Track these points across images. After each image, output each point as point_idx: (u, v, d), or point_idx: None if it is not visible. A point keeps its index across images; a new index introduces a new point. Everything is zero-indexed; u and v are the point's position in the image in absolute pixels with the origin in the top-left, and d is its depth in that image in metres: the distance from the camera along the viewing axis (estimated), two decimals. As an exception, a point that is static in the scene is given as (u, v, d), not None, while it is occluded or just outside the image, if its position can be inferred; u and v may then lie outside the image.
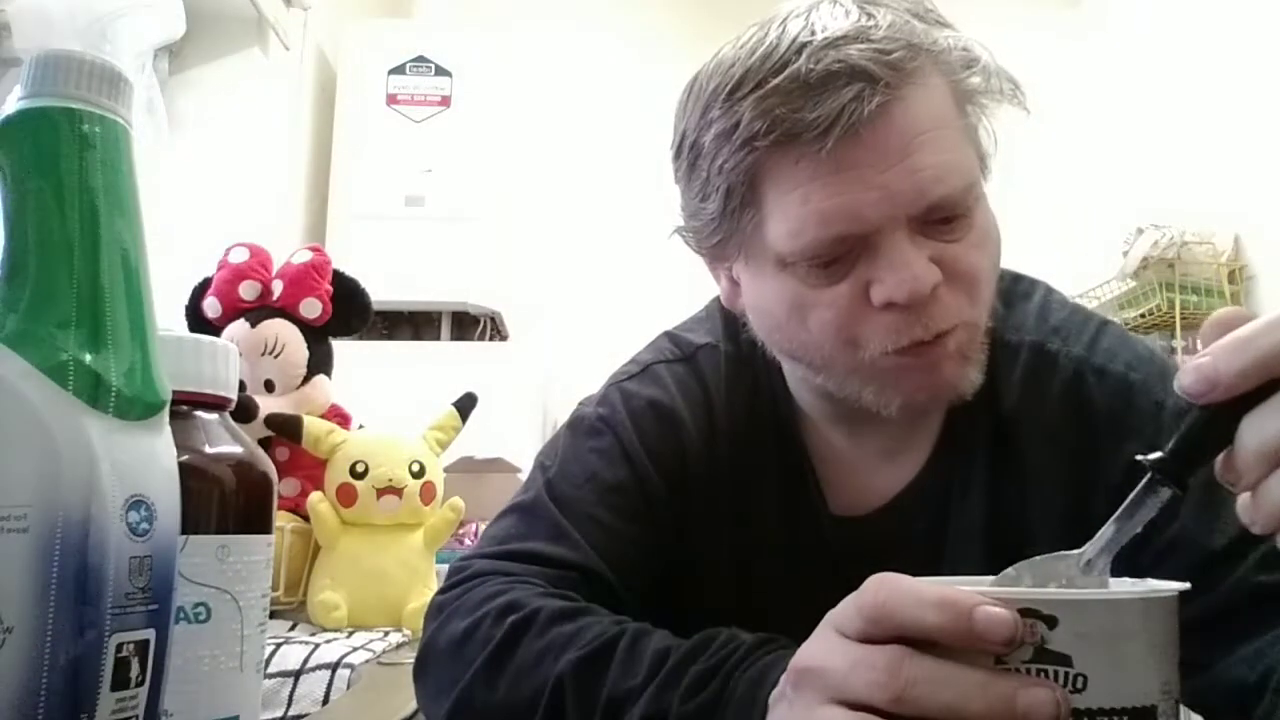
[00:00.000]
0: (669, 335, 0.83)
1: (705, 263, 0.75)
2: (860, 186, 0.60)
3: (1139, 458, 0.41)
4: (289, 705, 0.94)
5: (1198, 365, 0.37)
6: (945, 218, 0.63)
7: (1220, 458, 0.39)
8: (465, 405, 1.34)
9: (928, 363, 0.64)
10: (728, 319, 0.82)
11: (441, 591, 0.70)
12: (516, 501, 0.76)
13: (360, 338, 1.52)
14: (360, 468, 1.20)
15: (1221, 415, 0.38)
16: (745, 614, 0.75)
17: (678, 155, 0.69)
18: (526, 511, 0.74)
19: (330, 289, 1.34)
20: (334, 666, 0.97)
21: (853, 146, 0.60)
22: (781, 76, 0.60)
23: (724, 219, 0.66)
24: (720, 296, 0.76)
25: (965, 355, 0.66)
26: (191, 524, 0.41)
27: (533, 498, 0.75)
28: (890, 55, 0.60)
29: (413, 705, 0.70)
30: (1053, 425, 0.71)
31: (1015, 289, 0.78)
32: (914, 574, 0.68)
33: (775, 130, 0.60)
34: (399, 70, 2.49)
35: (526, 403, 2.27)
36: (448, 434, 1.31)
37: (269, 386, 1.30)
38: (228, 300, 1.31)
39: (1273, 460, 0.36)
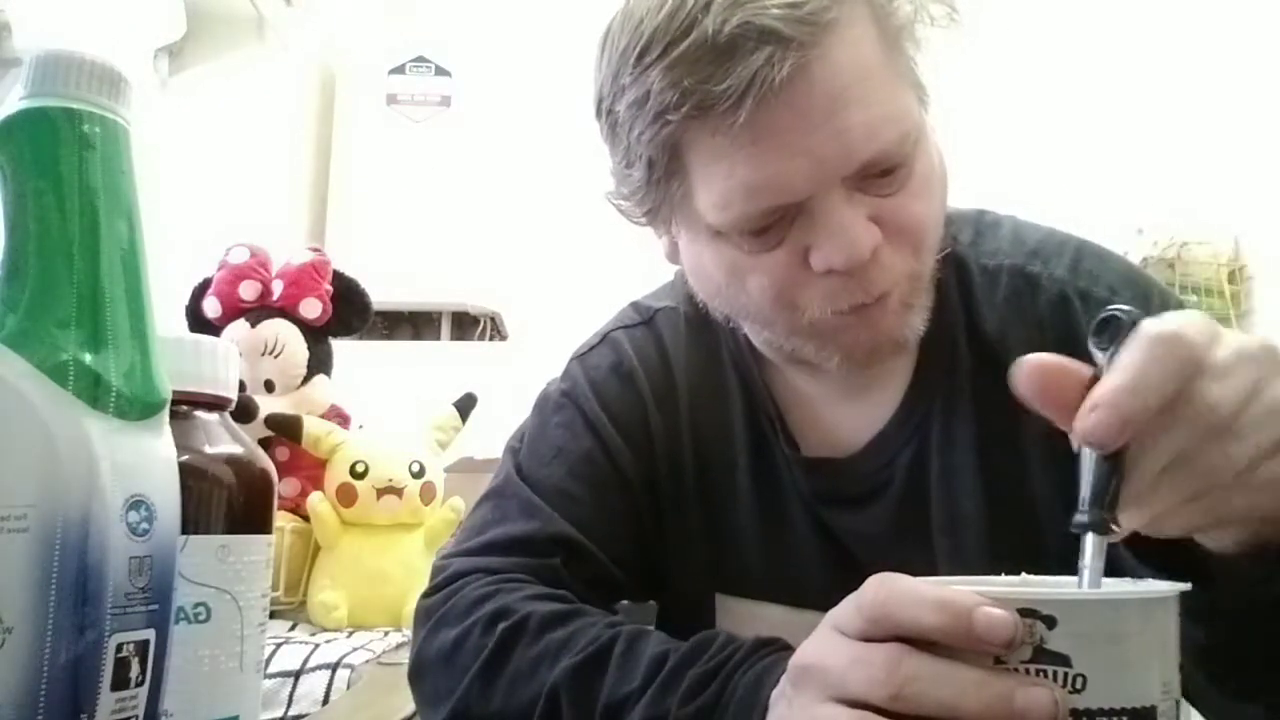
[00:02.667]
0: (632, 303, 0.84)
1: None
2: (784, 154, 0.57)
3: (1074, 527, 0.42)
4: (289, 705, 0.94)
5: (1101, 421, 0.40)
6: (883, 170, 0.60)
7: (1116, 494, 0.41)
8: (465, 405, 1.34)
9: (869, 320, 0.63)
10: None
11: (426, 595, 0.69)
12: (489, 488, 0.76)
13: (360, 338, 1.52)
14: (360, 468, 1.20)
15: (1119, 456, 0.41)
16: (724, 576, 0.75)
17: (597, 115, 0.66)
18: (498, 495, 0.74)
19: (330, 289, 1.35)
20: (334, 666, 0.97)
21: (770, 114, 0.56)
22: (688, 41, 0.56)
23: (651, 188, 0.63)
24: (665, 254, 0.74)
25: (908, 304, 0.64)
26: (191, 524, 0.41)
27: (502, 481, 0.75)
28: (803, 9, 0.55)
29: (412, 705, 0.70)
30: (1039, 348, 0.68)
31: (983, 219, 0.76)
32: (899, 516, 0.70)
33: (686, 103, 0.57)
34: (399, 70, 2.49)
35: (526, 403, 2.27)
36: (448, 434, 1.32)
37: (269, 386, 1.31)
38: (228, 300, 1.32)
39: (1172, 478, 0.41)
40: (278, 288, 1.33)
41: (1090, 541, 0.41)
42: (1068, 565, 0.42)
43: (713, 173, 0.59)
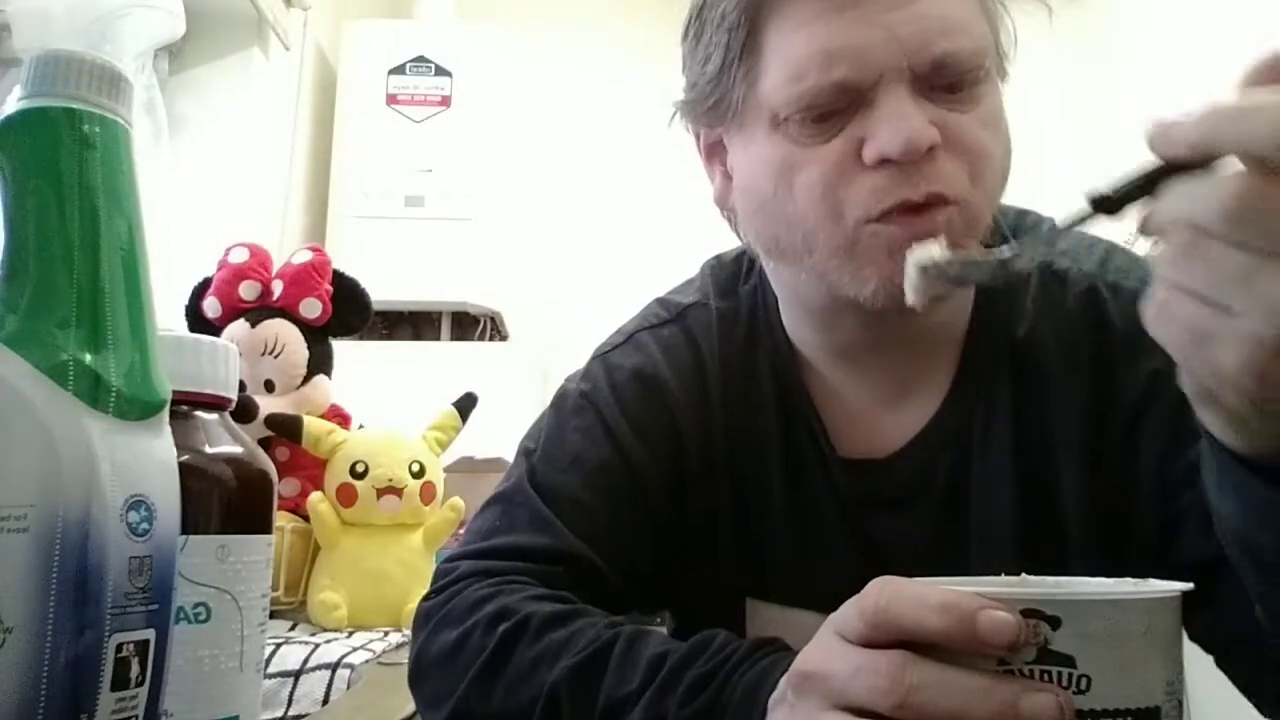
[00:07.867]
0: (657, 300, 0.81)
1: (702, 160, 0.73)
2: (865, 25, 0.59)
3: (1086, 194, 0.41)
4: (289, 705, 0.94)
5: (1169, 121, 0.39)
6: (951, 84, 0.61)
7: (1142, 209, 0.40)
8: (465, 405, 1.34)
9: (912, 235, 0.58)
10: (720, 277, 0.80)
11: (428, 597, 0.69)
12: (499, 490, 0.74)
13: (360, 338, 1.52)
14: (360, 468, 1.20)
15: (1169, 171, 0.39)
16: (756, 581, 0.74)
17: (686, 33, 0.68)
18: (507, 501, 0.72)
19: (330, 289, 1.34)
20: (334, 666, 0.97)
21: None
22: None
23: (721, 76, 0.65)
24: (713, 197, 0.73)
25: (956, 241, 0.59)
26: (191, 524, 0.41)
27: (514, 485, 0.73)
28: None
29: (412, 705, 0.70)
30: (1069, 342, 0.69)
31: (1023, 220, 0.75)
32: (939, 520, 0.69)
33: None
34: (399, 70, 2.48)
35: (526, 403, 2.27)
36: (448, 434, 1.31)
37: (269, 386, 1.30)
38: (228, 300, 1.31)
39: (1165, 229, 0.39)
40: (278, 288, 1.32)
41: (1082, 210, 0.41)
42: (1094, 575, 0.42)
43: (791, 43, 0.61)
